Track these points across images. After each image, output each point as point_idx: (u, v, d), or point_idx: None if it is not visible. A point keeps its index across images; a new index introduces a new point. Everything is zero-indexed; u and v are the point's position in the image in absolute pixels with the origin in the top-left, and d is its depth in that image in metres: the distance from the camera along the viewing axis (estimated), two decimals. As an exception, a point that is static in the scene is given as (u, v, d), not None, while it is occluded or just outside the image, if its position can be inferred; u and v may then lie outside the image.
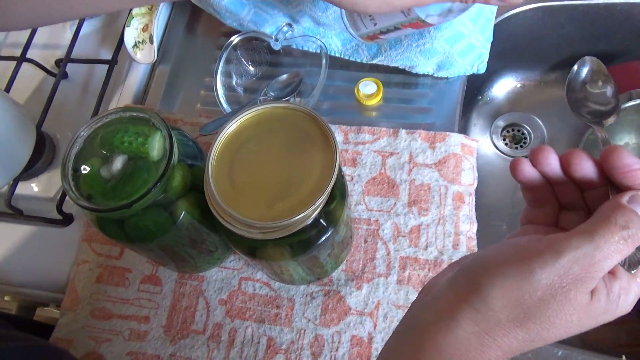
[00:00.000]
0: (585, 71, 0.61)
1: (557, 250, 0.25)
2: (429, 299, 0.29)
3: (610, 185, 0.29)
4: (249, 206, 0.37)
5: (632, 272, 0.27)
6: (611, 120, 0.58)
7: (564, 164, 0.30)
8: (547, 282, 0.25)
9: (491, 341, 0.26)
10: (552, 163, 0.30)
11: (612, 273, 0.27)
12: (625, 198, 0.27)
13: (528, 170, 0.30)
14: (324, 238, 0.41)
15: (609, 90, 0.60)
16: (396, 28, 0.46)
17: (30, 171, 0.63)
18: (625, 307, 0.27)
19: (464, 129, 0.74)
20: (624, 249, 0.25)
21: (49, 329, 0.56)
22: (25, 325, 0.63)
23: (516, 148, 0.74)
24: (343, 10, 0.49)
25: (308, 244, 0.41)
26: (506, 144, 0.75)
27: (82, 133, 0.40)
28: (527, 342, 0.26)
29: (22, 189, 0.62)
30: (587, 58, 0.61)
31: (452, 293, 0.27)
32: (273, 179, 0.38)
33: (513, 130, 0.76)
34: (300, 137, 0.39)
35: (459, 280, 0.28)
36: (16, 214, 0.60)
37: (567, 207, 0.32)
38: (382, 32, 0.48)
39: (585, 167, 0.29)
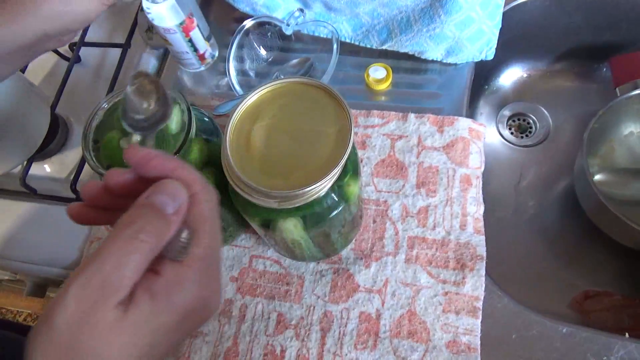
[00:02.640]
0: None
1: (66, 290, 0.24)
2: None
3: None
4: (265, 176, 0.38)
5: (181, 259, 0.26)
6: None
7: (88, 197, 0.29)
8: (65, 323, 0.23)
9: None
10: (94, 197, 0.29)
11: (155, 271, 0.25)
12: (143, 197, 0.26)
13: (83, 214, 0.30)
14: (336, 212, 0.42)
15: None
16: None
17: (43, 152, 0.64)
18: (187, 297, 0.26)
19: (470, 117, 0.75)
20: (140, 246, 0.24)
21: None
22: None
23: (522, 137, 0.75)
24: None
25: (321, 216, 0.42)
26: (512, 133, 0.76)
27: (103, 105, 0.41)
28: None
29: (35, 169, 0.63)
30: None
31: None
32: (289, 151, 0.39)
33: (519, 119, 0.76)
34: (316, 111, 0.40)
35: None
36: (30, 193, 0.61)
37: None
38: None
39: (96, 189, 0.29)
